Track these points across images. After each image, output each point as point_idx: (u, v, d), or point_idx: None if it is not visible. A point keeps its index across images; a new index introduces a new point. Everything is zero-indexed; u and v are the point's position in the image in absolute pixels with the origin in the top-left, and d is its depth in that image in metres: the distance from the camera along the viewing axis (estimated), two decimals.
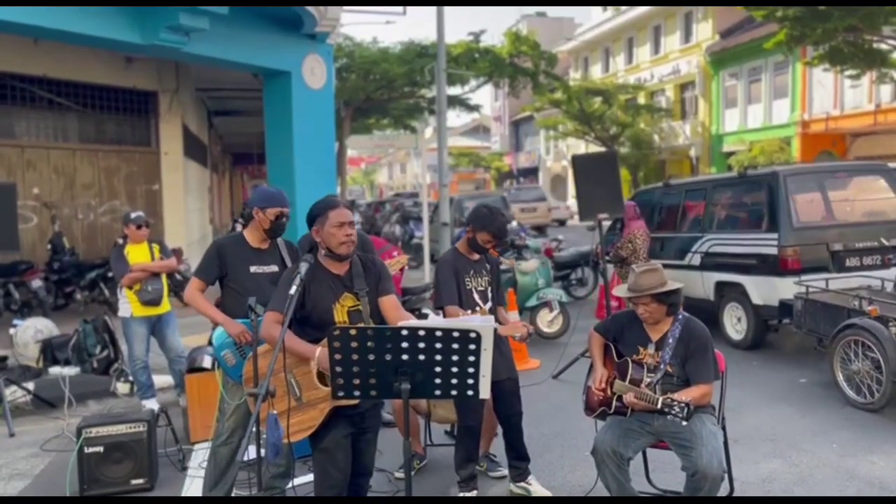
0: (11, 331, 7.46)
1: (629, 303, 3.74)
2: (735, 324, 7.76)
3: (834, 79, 21.65)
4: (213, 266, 3.85)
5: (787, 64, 23.81)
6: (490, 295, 4.25)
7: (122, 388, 6.70)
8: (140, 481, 4.48)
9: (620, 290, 3.80)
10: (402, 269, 5.80)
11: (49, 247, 10.75)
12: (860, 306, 5.79)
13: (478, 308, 4.11)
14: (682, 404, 3.19)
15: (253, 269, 3.84)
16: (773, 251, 7.04)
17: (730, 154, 26.50)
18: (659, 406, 3.25)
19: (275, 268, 3.89)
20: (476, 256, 4.24)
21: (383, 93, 22.80)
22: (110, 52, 10.85)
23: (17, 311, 9.56)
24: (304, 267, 3.02)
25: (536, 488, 4.22)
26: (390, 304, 3.20)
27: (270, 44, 10.80)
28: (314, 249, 3.25)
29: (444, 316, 4.05)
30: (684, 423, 3.21)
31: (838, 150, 23.36)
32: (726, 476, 3.56)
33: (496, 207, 4.28)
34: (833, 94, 22.79)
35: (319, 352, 2.93)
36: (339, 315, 3.13)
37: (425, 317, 4.10)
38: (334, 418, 3.02)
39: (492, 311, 4.20)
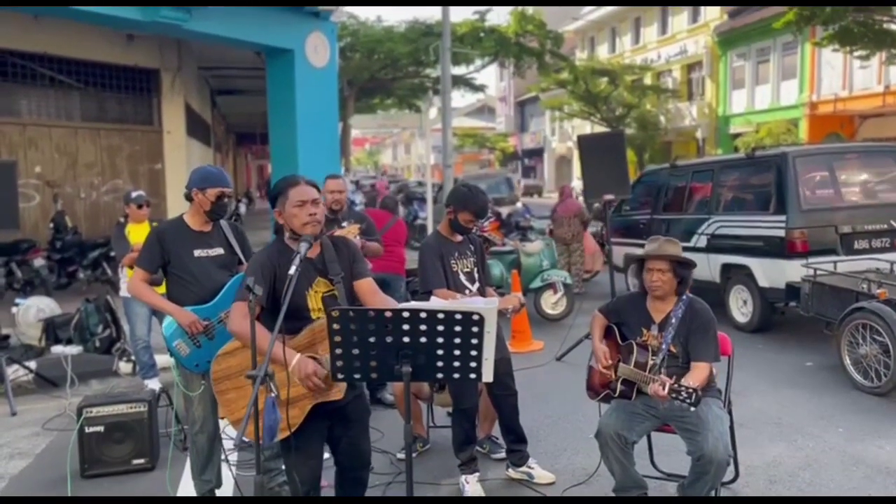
0: (14, 310, 7.44)
1: (644, 273, 3.63)
2: (741, 306, 7.70)
3: (843, 60, 21.39)
4: (154, 254, 3.65)
5: (795, 44, 23.53)
6: (477, 276, 4.17)
7: (124, 367, 6.70)
8: (141, 461, 4.47)
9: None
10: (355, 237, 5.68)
11: (51, 226, 10.73)
12: (868, 289, 5.74)
13: (466, 291, 4.03)
14: (690, 390, 3.14)
15: (197, 253, 3.65)
16: (781, 233, 6.97)
17: (736, 135, 26.27)
18: (666, 391, 3.20)
19: (220, 250, 3.72)
20: (459, 238, 4.13)
21: (387, 72, 22.65)
22: (111, 29, 10.75)
23: (20, 289, 9.55)
24: (304, 247, 2.78)
25: (539, 472, 4.18)
26: (367, 289, 3.01)
27: (273, 21, 10.69)
28: (278, 232, 3.03)
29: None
30: (692, 408, 3.16)
31: (846, 131, 23.14)
32: (731, 460, 3.53)
33: (475, 185, 4.18)
34: (842, 76, 22.53)
35: (297, 360, 2.74)
36: (313, 301, 2.92)
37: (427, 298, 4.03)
38: (310, 416, 2.86)
39: (480, 291, 4.13)
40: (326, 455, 3.13)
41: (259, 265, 2.90)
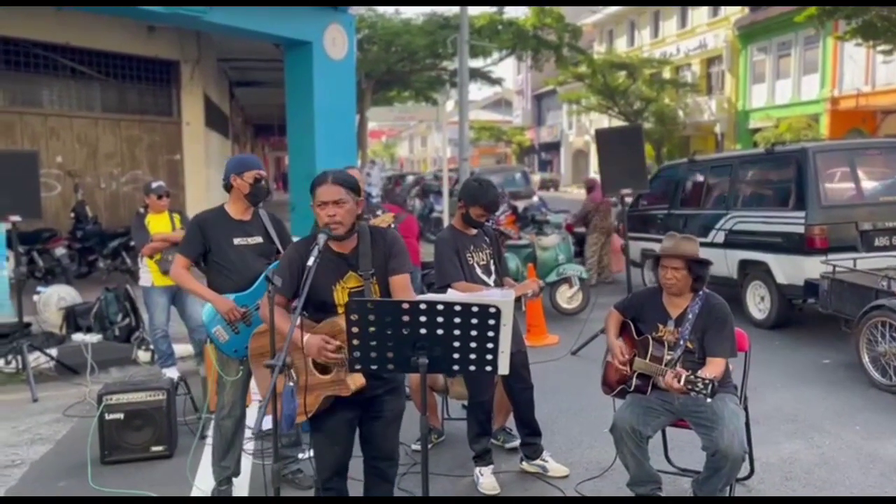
0: (35, 298, 7.55)
1: (659, 269, 3.64)
2: (758, 303, 7.66)
3: (866, 54, 21.12)
4: (195, 241, 3.74)
5: (817, 38, 23.25)
6: (493, 268, 4.19)
7: (142, 356, 6.77)
8: (159, 448, 4.53)
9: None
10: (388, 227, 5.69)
11: (72, 215, 10.84)
12: (888, 287, 5.68)
13: (483, 283, 4.04)
14: (707, 381, 3.14)
15: (237, 241, 3.74)
16: (800, 230, 6.91)
17: (756, 131, 26.05)
18: (682, 383, 3.20)
19: (259, 239, 3.80)
20: (473, 231, 4.17)
21: (405, 65, 22.61)
22: (132, 21, 10.84)
23: (41, 278, 9.67)
24: (322, 238, 2.80)
25: (553, 465, 4.19)
26: (398, 286, 2.94)
27: (292, 13, 10.72)
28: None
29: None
30: (708, 399, 3.16)
31: (868, 127, 22.86)
32: (747, 456, 3.52)
33: (486, 180, 4.20)
34: (864, 70, 22.25)
35: (307, 339, 2.76)
36: (340, 297, 2.90)
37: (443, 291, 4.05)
38: (336, 403, 2.88)
39: (497, 284, 4.15)
40: None
41: (288, 260, 2.94)
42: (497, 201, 4.15)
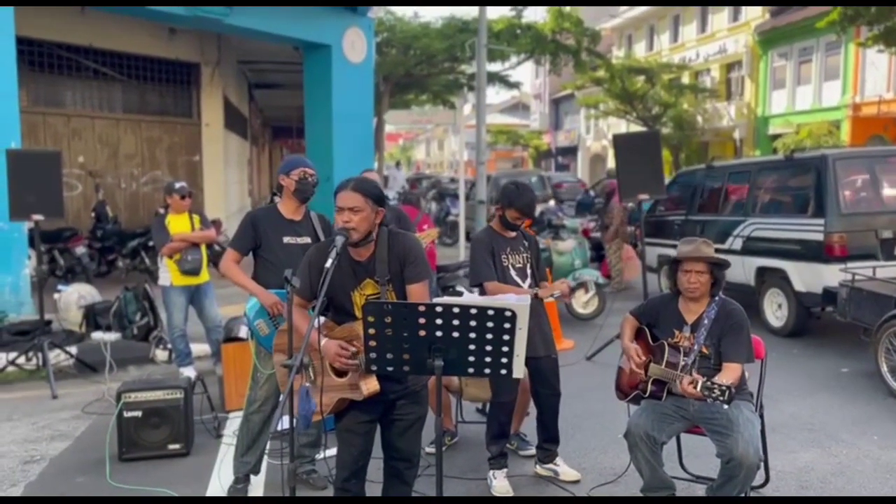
0: (56, 296, 7.65)
1: (679, 275, 3.61)
2: (775, 310, 7.60)
3: (888, 60, 20.90)
4: (247, 237, 3.89)
5: (839, 44, 23.01)
6: (529, 272, 4.21)
7: (160, 355, 6.85)
8: (176, 446, 4.58)
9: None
10: (433, 242, 5.73)
11: (93, 215, 10.99)
12: None
13: (516, 285, 4.06)
14: (724, 387, 3.12)
15: (286, 239, 3.87)
16: (819, 237, 6.86)
17: (775, 137, 25.82)
18: (699, 389, 3.19)
19: (308, 239, 3.91)
20: (512, 234, 4.20)
21: (423, 68, 22.64)
22: (154, 23, 10.97)
23: (62, 276, 9.79)
24: (339, 240, 2.80)
25: (564, 470, 4.20)
26: (415, 294, 2.90)
27: (311, 16, 10.82)
28: None
29: (485, 293, 4.02)
30: (725, 406, 3.14)
31: (890, 134, 22.59)
32: (762, 464, 3.50)
33: (523, 183, 4.22)
34: (887, 77, 22.00)
35: (325, 343, 2.80)
36: (358, 303, 2.93)
37: (459, 294, 4.07)
38: (354, 403, 2.90)
39: (532, 287, 4.16)
40: None
41: (308, 261, 2.98)
42: (533, 204, 4.17)
